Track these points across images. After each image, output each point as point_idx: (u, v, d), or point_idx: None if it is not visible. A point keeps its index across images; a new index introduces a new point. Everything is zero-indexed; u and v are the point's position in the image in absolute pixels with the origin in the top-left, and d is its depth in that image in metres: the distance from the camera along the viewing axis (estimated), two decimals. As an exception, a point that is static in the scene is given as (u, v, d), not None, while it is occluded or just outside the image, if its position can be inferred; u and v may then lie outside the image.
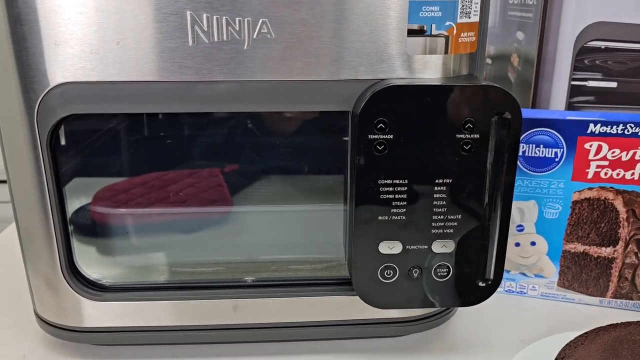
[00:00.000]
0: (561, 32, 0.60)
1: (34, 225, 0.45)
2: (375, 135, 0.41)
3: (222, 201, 0.56)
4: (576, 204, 0.54)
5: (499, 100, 0.40)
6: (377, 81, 0.41)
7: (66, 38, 0.40)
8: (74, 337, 0.49)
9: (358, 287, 0.45)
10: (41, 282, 0.48)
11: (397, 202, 0.42)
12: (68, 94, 0.41)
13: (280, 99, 0.42)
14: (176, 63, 0.40)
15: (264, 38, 0.40)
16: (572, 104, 0.62)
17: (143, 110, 0.42)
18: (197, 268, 0.53)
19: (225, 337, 0.50)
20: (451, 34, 0.41)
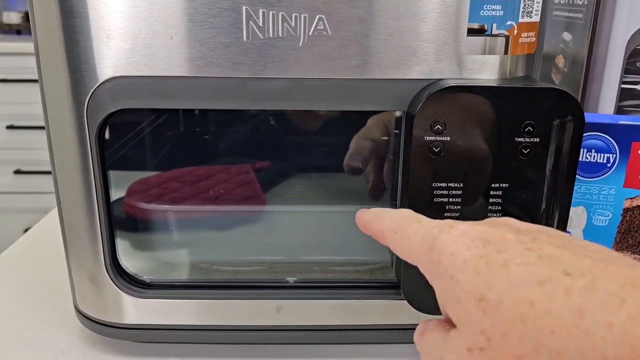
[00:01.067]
0: (613, 34, 0.58)
1: (79, 220, 0.45)
2: (431, 137, 0.40)
3: (255, 198, 0.55)
4: (627, 211, 0.53)
5: (562, 103, 0.39)
6: (433, 81, 0.40)
7: (119, 32, 0.39)
8: (114, 333, 0.49)
9: (406, 291, 0.44)
10: (84, 277, 0.47)
11: (451, 206, 0.41)
12: (119, 89, 0.40)
13: (334, 97, 0.41)
14: (229, 59, 0.40)
15: (320, 35, 0.39)
16: (622, 108, 0.60)
17: (193, 106, 0.41)
18: (238, 267, 0.52)
19: (267, 338, 0.49)
20: (512, 34, 0.40)
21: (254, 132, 0.51)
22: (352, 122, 0.50)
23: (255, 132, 0.51)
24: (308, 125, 0.51)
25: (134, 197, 0.54)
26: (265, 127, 0.51)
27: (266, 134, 0.51)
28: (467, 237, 0.27)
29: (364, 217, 0.37)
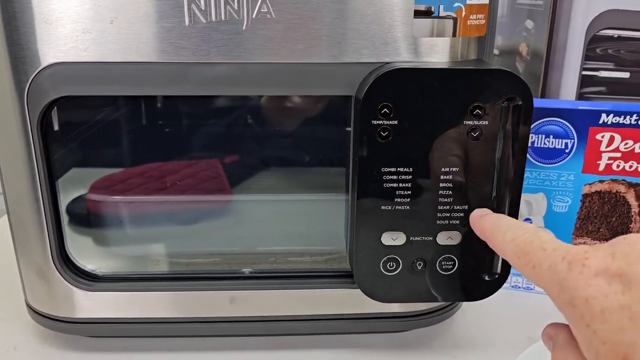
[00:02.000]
0: (572, 20, 0.58)
1: (25, 211, 0.44)
2: (379, 121, 0.39)
3: (221, 192, 0.55)
4: (586, 197, 0.52)
5: (509, 84, 0.38)
6: (382, 64, 0.40)
7: (58, 16, 0.38)
8: (66, 329, 0.48)
9: (359, 279, 0.43)
10: (32, 271, 0.46)
11: (401, 191, 0.41)
12: (59, 75, 0.39)
13: (281, 82, 0.40)
14: (172, 44, 0.39)
15: (263, 18, 0.38)
16: (583, 95, 0.60)
17: (137, 92, 0.40)
18: (194, 259, 0.51)
19: (221, 330, 0.48)
20: (460, 16, 0.40)
21: (219, 125, 0.51)
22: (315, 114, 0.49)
23: (221, 125, 0.51)
24: (273, 118, 0.50)
25: (96, 193, 0.53)
26: (230, 120, 0.50)
27: (232, 127, 0.50)
28: (603, 279, 0.24)
29: (482, 227, 0.36)
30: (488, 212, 0.38)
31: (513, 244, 0.31)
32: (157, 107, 0.50)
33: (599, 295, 0.24)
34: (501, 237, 0.32)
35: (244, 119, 0.50)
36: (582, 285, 0.25)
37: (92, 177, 0.52)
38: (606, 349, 0.23)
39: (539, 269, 0.28)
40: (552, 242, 0.29)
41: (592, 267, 0.25)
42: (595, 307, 0.24)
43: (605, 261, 0.25)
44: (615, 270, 0.24)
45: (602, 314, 0.24)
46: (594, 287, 0.24)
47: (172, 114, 0.50)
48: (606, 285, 0.24)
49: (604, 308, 0.24)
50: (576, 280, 0.25)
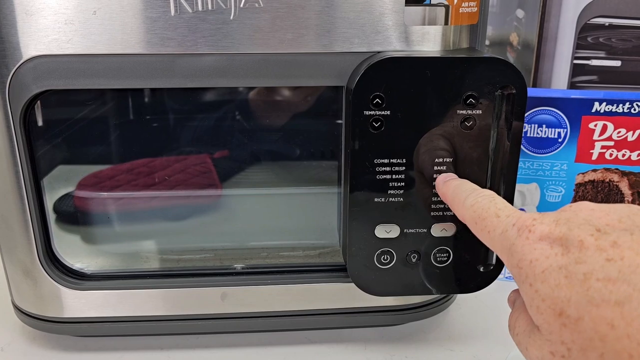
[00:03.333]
0: (563, 9, 0.58)
1: (9, 209, 0.43)
2: (371, 111, 0.38)
3: (211, 187, 0.54)
4: (580, 186, 0.52)
5: (503, 73, 0.38)
6: (373, 54, 0.39)
7: (39, 7, 0.37)
8: (54, 329, 0.47)
9: (353, 273, 0.43)
10: (18, 271, 0.45)
11: (395, 183, 0.40)
12: (42, 68, 0.38)
13: (270, 73, 0.39)
14: (157, 34, 0.38)
15: (251, 7, 0.37)
16: (575, 84, 0.59)
17: (122, 85, 0.39)
18: (184, 255, 0.50)
19: (213, 327, 0.47)
20: (451, 4, 0.39)
21: (209, 119, 0.50)
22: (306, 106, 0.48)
23: (210, 119, 0.50)
24: (263, 111, 0.49)
25: (84, 190, 0.52)
26: (220, 115, 0.49)
27: (222, 121, 0.49)
28: (546, 243, 0.27)
29: (445, 191, 0.38)
30: (453, 177, 0.39)
31: (472, 209, 0.33)
32: (145, 101, 0.49)
33: (541, 257, 0.26)
34: (462, 203, 0.34)
35: (233, 113, 0.49)
36: (528, 249, 0.27)
37: (80, 175, 0.51)
38: (545, 305, 0.26)
39: (493, 234, 0.30)
40: (506, 209, 0.31)
41: (537, 233, 0.27)
42: (537, 268, 0.26)
43: (549, 227, 0.27)
44: (557, 235, 0.26)
45: (542, 274, 0.26)
46: (538, 250, 0.27)
47: (161, 109, 0.49)
48: (548, 248, 0.26)
49: (544, 268, 0.26)
50: (523, 245, 0.27)
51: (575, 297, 0.24)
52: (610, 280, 0.23)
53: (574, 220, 0.27)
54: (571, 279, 0.25)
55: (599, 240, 0.25)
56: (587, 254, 0.25)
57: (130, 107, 0.49)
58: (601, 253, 0.24)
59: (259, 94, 0.48)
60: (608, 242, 0.25)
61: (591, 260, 0.24)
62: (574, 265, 0.25)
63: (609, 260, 0.24)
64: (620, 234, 0.25)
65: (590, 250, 0.25)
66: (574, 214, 0.28)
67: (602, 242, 0.25)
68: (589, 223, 0.26)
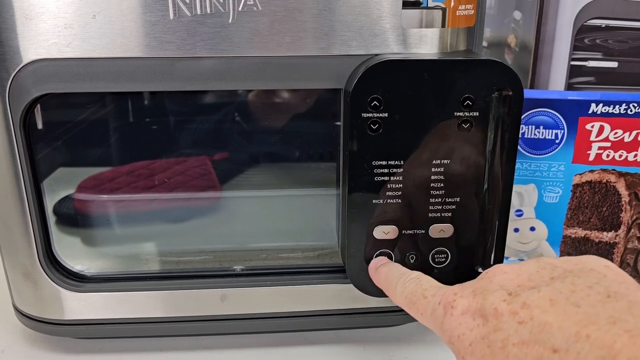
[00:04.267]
0: (560, 11, 0.58)
1: (9, 211, 0.43)
2: (368, 113, 0.38)
3: (211, 189, 0.54)
4: (577, 187, 0.52)
5: (499, 75, 0.38)
6: (371, 56, 0.39)
7: (38, 11, 0.37)
8: (55, 331, 0.47)
9: (352, 274, 0.43)
10: (18, 273, 0.45)
11: (393, 185, 0.40)
12: (41, 72, 0.38)
13: (268, 75, 0.39)
14: (156, 38, 0.38)
15: (250, 10, 0.38)
16: (572, 85, 0.60)
17: (122, 89, 0.39)
18: (184, 257, 0.50)
19: (213, 329, 0.47)
20: (448, 6, 0.39)
21: (208, 122, 0.50)
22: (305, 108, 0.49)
23: (210, 122, 0.50)
24: (262, 114, 0.49)
25: (84, 193, 0.52)
26: (219, 117, 0.49)
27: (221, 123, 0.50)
28: (468, 316, 0.28)
29: (376, 279, 0.40)
30: (384, 261, 0.41)
31: (402, 296, 0.35)
32: (144, 103, 0.49)
33: (466, 331, 0.27)
34: (393, 291, 0.36)
35: (232, 115, 0.49)
36: (454, 324, 0.28)
37: (80, 177, 0.51)
38: None
39: (425, 315, 0.32)
40: (431, 289, 0.32)
41: (458, 308, 0.28)
42: (465, 341, 0.27)
43: (467, 300, 0.28)
44: (475, 307, 0.28)
45: (470, 347, 0.27)
46: (463, 325, 0.28)
47: (160, 111, 0.49)
48: (471, 320, 0.28)
49: (471, 341, 0.27)
50: (449, 321, 0.29)
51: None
52: (524, 343, 0.24)
53: (489, 288, 0.28)
54: (492, 348, 0.25)
55: (511, 305, 0.26)
56: (502, 320, 0.26)
57: (130, 109, 0.49)
58: (514, 317, 0.25)
59: (258, 96, 0.48)
60: (519, 305, 0.25)
61: (506, 326, 0.25)
62: (493, 333, 0.26)
63: (521, 323, 0.25)
64: (528, 294, 0.26)
65: (505, 316, 0.26)
66: (489, 281, 0.29)
67: (513, 305, 0.26)
68: (502, 288, 0.27)
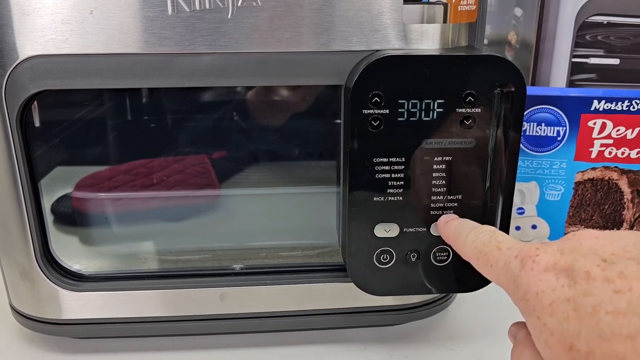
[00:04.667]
0: (561, 7, 0.58)
1: (6, 210, 0.42)
2: (369, 110, 0.38)
3: (210, 187, 0.54)
4: (579, 184, 0.52)
5: (502, 71, 0.37)
6: (371, 52, 0.39)
7: (35, 7, 0.37)
8: (53, 330, 0.47)
9: (352, 273, 0.43)
10: (16, 272, 0.45)
11: (394, 182, 0.40)
12: (38, 68, 0.38)
13: (268, 72, 0.39)
14: (155, 34, 0.38)
15: (249, 6, 0.37)
16: (573, 82, 0.59)
17: (120, 85, 0.39)
18: (183, 256, 0.50)
19: (212, 328, 0.47)
20: (450, 2, 0.39)
21: (207, 120, 0.50)
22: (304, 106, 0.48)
23: (209, 120, 0.50)
24: (261, 111, 0.49)
25: (82, 192, 0.52)
26: (218, 115, 0.49)
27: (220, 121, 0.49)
28: (552, 274, 0.26)
29: (447, 232, 0.38)
30: (453, 217, 0.40)
31: (473, 246, 0.33)
32: (143, 101, 0.48)
33: (547, 289, 0.26)
34: (463, 241, 0.35)
35: (231, 113, 0.49)
36: (533, 280, 0.26)
37: (78, 176, 0.51)
38: (554, 339, 0.25)
39: (496, 267, 0.30)
40: (507, 242, 0.31)
41: (541, 263, 0.27)
42: (545, 300, 0.26)
43: (553, 257, 0.26)
44: (562, 266, 0.26)
45: (550, 306, 0.25)
46: (544, 281, 0.26)
47: (159, 109, 0.49)
48: (554, 279, 0.26)
49: (552, 301, 0.25)
50: (528, 276, 0.27)
51: (585, 331, 0.24)
52: (620, 313, 0.23)
53: (579, 249, 0.26)
54: (580, 312, 0.24)
55: (606, 271, 0.24)
56: (594, 285, 0.24)
57: (128, 107, 0.49)
58: (609, 284, 0.24)
59: (257, 93, 0.47)
60: (615, 273, 0.24)
61: (599, 292, 0.24)
62: (582, 297, 0.24)
63: (617, 292, 0.23)
64: (626, 264, 0.24)
65: (598, 282, 0.24)
66: (578, 242, 0.27)
67: (609, 272, 0.24)
68: (594, 253, 0.26)
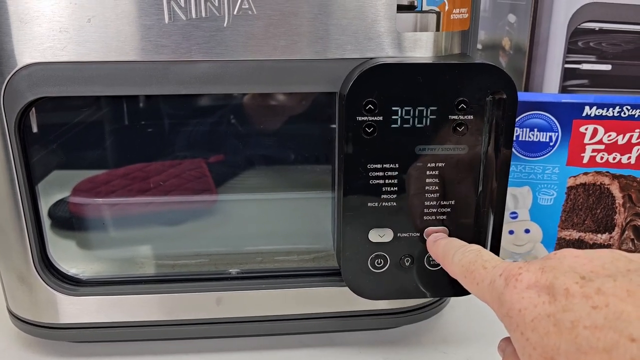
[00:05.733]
0: (554, 14, 0.58)
1: (4, 215, 0.43)
2: (363, 117, 0.39)
3: (206, 192, 0.54)
4: (571, 189, 0.53)
5: (494, 78, 0.38)
6: (366, 60, 0.39)
7: (33, 15, 0.37)
8: (50, 335, 0.47)
9: (347, 277, 0.43)
10: (13, 277, 0.45)
11: (388, 188, 0.40)
12: (36, 76, 0.38)
13: (263, 79, 0.39)
14: (152, 42, 0.38)
15: (245, 14, 0.38)
16: (566, 88, 0.60)
17: (117, 92, 0.39)
18: (180, 260, 0.50)
19: (208, 332, 0.47)
20: (443, 10, 0.39)
21: (204, 125, 0.50)
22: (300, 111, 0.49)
23: (205, 124, 0.50)
24: (258, 116, 0.49)
25: (79, 196, 0.52)
26: (215, 120, 0.49)
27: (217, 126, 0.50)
28: (534, 291, 0.27)
29: (435, 251, 0.40)
30: (442, 236, 0.41)
31: (460, 264, 0.34)
32: (140, 107, 0.49)
33: (530, 306, 0.27)
34: (450, 260, 0.36)
35: (228, 118, 0.49)
36: (516, 298, 0.28)
37: (75, 180, 0.51)
38: (536, 353, 0.26)
39: (482, 285, 0.31)
40: (492, 261, 0.32)
41: (524, 281, 0.28)
42: (527, 316, 0.27)
43: (535, 275, 0.28)
44: (543, 283, 0.27)
45: (532, 322, 0.26)
46: (526, 299, 0.27)
47: (156, 114, 0.49)
48: (536, 296, 0.27)
49: (534, 317, 0.26)
50: (511, 293, 0.28)
51: (564, 345, 0.25)
52: (597, 328, 0.24)
53: (559, 268, 0.27)
54: (559, 327, 0.25)
55: (584, 288, 0.25)
56: (573, 301, 0.25)
57: (125, 112, 0.49)
58: (587, 301, 0.25)
59: (253, 99, 0.48)
60: (593, 290, 0.25)
61: (577, 308, 0.25)
62: (561, 313, 0.25)
63: (595, 307, 0.25)
64: (604, 281, 0.25)
65: (577, 298, 0.25)
66: (559, 261, 0.28)
67: (587, 289, 0.25)
68: (573, 270, 0.27)
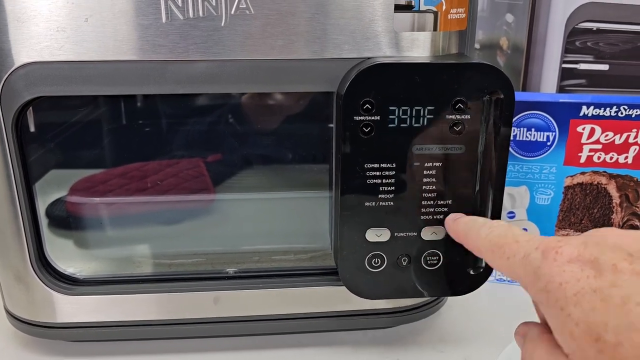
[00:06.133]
0: (552, 14, 0.58)
1: (1, 215, 0.43)
2: (361, 116, 0.39)
3: (204, 191, 0.54)
4: (568, 189, 0.53)
5: (491, 78, 0.38)
6: (363, 60, 0.39)
7: (30, 14, 0.37)
8: (47, 334, 0.47)
9: (344, 276, 0.43)
10: (10, 276, 0.45)
11: (385, 187, 0.40)
12: (33, 75, 0.38)
13: (261, 79, 0.39)
14: (149, 41, 0.38)
15: (242, 14, 0.38)
16: (563, 88, 0.60)
17: (114, 92, 0.39)
18: (177, 260, 0.50)
19: (206, 331, 0.47)
20: (440, 10, 0.39)
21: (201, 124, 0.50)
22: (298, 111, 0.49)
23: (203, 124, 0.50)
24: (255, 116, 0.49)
25: (76, 195, 0.52)
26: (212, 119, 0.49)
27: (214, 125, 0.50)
28: (576, 265, 0.25)
29: (456, 228, 0.37)
30: (461, 215, 0.40)
31: (487, 239, 0.33)
32: (137, 106, 0.49)
33: (572, 280, 0.25)
34: (476, 235, 0.34)
35: (225, 117, 0.49)
36: (556, 271, 0.26)
37: (72, 179, 0.51)
38: (580, 330, 0.24)
39: (513, 259, 0.29)
40: (525, 235, 0.30)
41: (565, 255, 0.26)
42: (569, 290, 0.25)
43: (577, 249, 0.26)
44: (587, 258, 0.25)
45: (574, 296, 0.24)
46: (568, 272, 0.25)
47: (153, 113, 0.49)
48: (579, 270, 0.25)
49: (577, 291, 0.25)
50: (550, 267, 0.26)
51: (613, 322, 0.23)
52: None
53: (604, 243, 0.26)
54: (608, 303, 0.23)
55: (634, 265, 0.24)
56: (622, 277, 0.24)
57: (123, 111, 0.49)
58: (638, 278, 0.24)
59: (251, 98, 0.48)
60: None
61: (628, 285, 0.23)
62: (609, 288, 0.24)
63: None
64: None
65: (626, 275, 0.24)
66: (603, 238, 0.26)
67: (636, 266, 0.24)
68: (619, 247, 0.25)
